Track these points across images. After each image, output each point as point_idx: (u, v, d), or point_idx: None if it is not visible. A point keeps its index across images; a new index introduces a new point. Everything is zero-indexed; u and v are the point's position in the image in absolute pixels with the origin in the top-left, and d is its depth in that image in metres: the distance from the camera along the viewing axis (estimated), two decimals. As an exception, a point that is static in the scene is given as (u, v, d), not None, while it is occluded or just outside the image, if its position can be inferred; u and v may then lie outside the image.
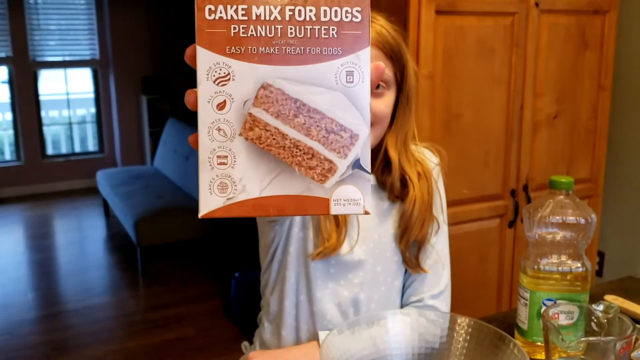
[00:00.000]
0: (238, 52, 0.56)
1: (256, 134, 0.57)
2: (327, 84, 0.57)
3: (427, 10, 1.98)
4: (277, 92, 0.57)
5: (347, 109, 0.57)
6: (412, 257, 1.27)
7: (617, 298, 1.34)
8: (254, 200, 0.57)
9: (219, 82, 0.56)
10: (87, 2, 6.17)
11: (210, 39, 0.56)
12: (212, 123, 0.57)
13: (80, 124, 6.56)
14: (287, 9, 0.56)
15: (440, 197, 1.32)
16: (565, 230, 1.08)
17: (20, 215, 5.54)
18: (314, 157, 0.58)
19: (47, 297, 3.76)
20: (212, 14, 0.56)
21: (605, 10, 2.38)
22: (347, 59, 0.57)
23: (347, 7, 0.57)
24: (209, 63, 0.56)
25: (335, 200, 0.58)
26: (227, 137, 0.57)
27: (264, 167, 0.57)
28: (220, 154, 0.57)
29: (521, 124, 2.27)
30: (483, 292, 2.36)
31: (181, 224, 4.07)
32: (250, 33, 0.56)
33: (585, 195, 2.52)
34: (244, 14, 0.56)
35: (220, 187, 0.57)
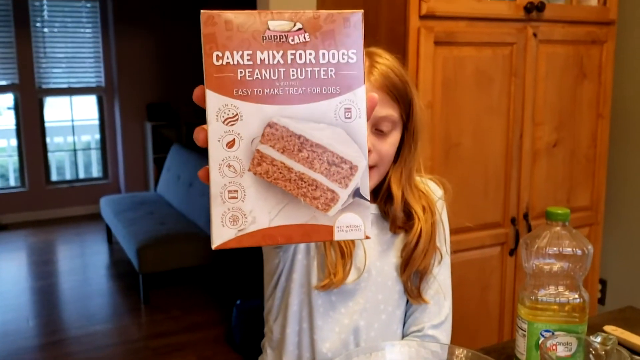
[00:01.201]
0: (245, 94, 0.60)
1: (264, 168, 0.61)
2: (327, 120, 0.61)
3: (426, 41, 2.01)
4: (282, 130, 0.61)
5: (347, 142, 0.62)
6: (414, 288, 1.28)
7: (617, 329, 1.34)
8: (264, 231, 0.61)
9: (228, 122, 0.61)
10: (94, 30, 6.25)
11: (219, 82, 0.61)
12: (223, 160, 0.61)
13: (85, 150, 6.60)
14: (289, 53, 0.61)
15: (444, 229, 1.33)
16: (562, 261, 1.09)
17: (23, 242, 5.55)
18: (318, 188, 0.62)
19: (49, 324, 3.76)
20: (219, 59, 0.60)
21: (603, 41, 2.41)
22: (344, 97, 0.61)
23: (343, 50, 0.61)
24: (218, 105, 0.61)
25: (338, 227, 0.62)
26: (236, 172, 0.61)
27: (272, 199, 0.61)
28: (231, 189, 0.61)
29: (521, 152, 2.28)
30: (485, 321, 2.35)
31: (183, 251, 4.07)
32: (256, 76, 0.60)
33: (586, 223, 2.53)
34: (249, 59, 0.60)
35: (232, 220, 0.61)
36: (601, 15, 2.40)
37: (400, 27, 2.04)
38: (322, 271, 1.23)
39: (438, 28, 2.04)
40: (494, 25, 2.17)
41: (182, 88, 6.40)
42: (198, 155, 4.95)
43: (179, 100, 6.41)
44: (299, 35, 0.61)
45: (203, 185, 4.50)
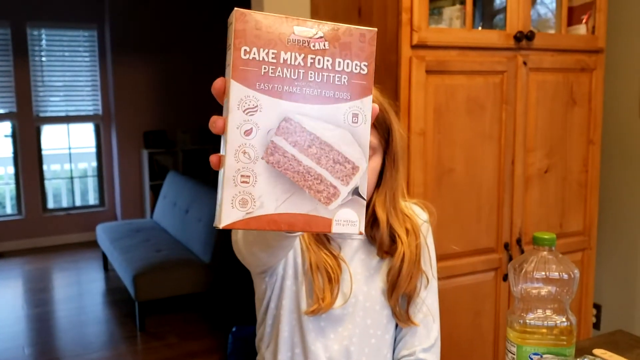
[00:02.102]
0: (266, 88, 0.66)
1: (276, 158, 0.66)
2: (336, 122, 0.67)
3: (418, 69, 2.05)
4: (296, 126, 0.66)
5: (351, 144, 0.68)
6: (402, 311, 1.30)
7: (606, 352, 1.36)
8: (269, 216, 0.66)
9: (248, 112, 0.65)
10: (91, 59, 6.32)
11: (244, 75, 0.65)
12: (239, 147, 0.65)
13: (82, 178, 6.62)
14: (309, 57, 0.67)
15: (429, 253, 1.35)
16: (549, 285, 1.11)
17: (20, 269, 5.54)
18: (322, 182, 0.67)
19: (45, 352, 3.74)
20: (247, 54, 0.65)
21: (592, 68, 2.45)
22: (354, 103, 0.68)
23: (357, 61, 0.68)
24: (241, 95, 0.65)
25: (336, 221, 0.68)
26: (250, 159, 0.66)
27: (280, 188, 0.66)
28: (244, 174, 0.65)
29: (513, 178, 2.31)
30: (479, 346, 2.36)
31: (179, 278, 4.07)
32: (278, 74, 0.66)
33: (579, 248, 2.55)
34: (274, 57, 0.66)
35: (242, 202, 0.65)
36: (590, 43, 2.44)
37: (393, 56, 2.08)
38: (311, 297, 1.24)
39: (429, 57, 2.08)
40: (484, 54, 2.21)
41: (179, 116, 6.45)
42: (194, 183, 4.97)
43: (176, 128, 6.45)
44: (319, 42, 0.67)
45: (199, 212, 4.52)
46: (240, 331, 3.35)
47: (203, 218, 4.39)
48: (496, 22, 2.46)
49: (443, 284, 2.19)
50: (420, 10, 2.04)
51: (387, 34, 2.10)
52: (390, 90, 2.08)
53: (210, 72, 6.43)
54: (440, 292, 1.42)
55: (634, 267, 2.90)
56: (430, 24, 2.14)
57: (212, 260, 4.12)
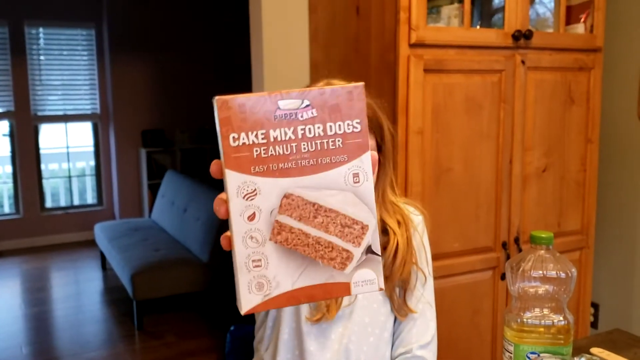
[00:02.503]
0: (261, 170, 0.65)
1: (283, 237, 0.66)
2: (338, 187, 0.67)
3: (416, 69, 2.05)
4: (297, 200, 0.66)
5: (356, 204, 0.67)
6: (400, 301, 1.31)
7: (603, 351, 1.36)
8: (288, 293, 0.66)
9: (247, 198, 0.65)
10: (89, 58, 6.31)
11: (237, 162, 0.65)
12: (245, 233, 0.65)
13: (80, 177, 6.61)
14: (299, 128, 0.66)
15: (426, 251, 1.36)
16: (546, 284, 1.11)
17: (17, 268, 5.54)
18: (334, 249, 0.67)
19: (43, 351, 3.74)
20: (235, 140, 0.64)
21: (590, 67, 2.45)
22: (352, 163, 0.67)
23: (348, 120, 0.67)
24: (238, 182, 0.65)
25: (354, 283, 0.67)
26: (259, 243, 0.66)
27: (293, 264, 0.66)
28: (255, 258, 0.66)
29: (511, 177, 2.31)
30: (477, 345, 2.36)
31: (178, 277, 4.07)
32: (270, 153, 0.65)
33: (577, 247, 2.55)
34: (263, 137, 0.65)
35: (258, 287, 0.66)
36: (588, 42, 2.44)
37: (391, 55, 2.08)
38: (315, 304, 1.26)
39: (427, 56, 2.08)
40: (482, 53, 2.21)
41: (177, 115, 6.44)
42: (192, 182, 4.97)
43: (174, 127, 6.45)
44: (307, 111, 0.66)
45: (197, 211, 4.51)
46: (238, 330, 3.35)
47: (201, 217, 4.39)
48: (494, 21, 2.46)
49: (441, 282, 2.19)
50: (418, 8, 2.04)
51: (385, 32, 2.10)
52: (388, 89, 2.08)
53: (209, 71, 6.44)
54: (438, 291, 1.42)
55: (631, 266, 2.90)
56: (429, 22, 2.13)
57: (210, 259, 4.12)
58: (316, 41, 2.58)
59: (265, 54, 2.55)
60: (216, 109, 0.65)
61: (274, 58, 2.56)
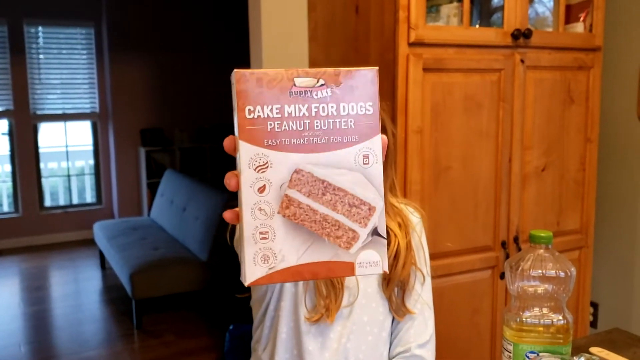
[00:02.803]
0: (274, 144, 0.66)
1: (292, 211, 0.67)
2: (347, 166, 0.68)
3: (415, 67, 2.05)
4: (307, 176, 0.67)
5: (365, 186, 0.68)
6: (399, 301, 1.31)
7: (602, 350, 1.36)
8: (292, 268, 0.67)
9: (259, 170, 0.66)
10: (88, 57, 6.30)
11: (251, 134, 0.66)
12: (255, 204, 0.66)
13: (79, 176, 6.61)
14: (313, 106, 0.67)
15: (424, 251, 1.36)
16: (546, 283, 1.11)
17: (16, 267, 5.53)
18: (340, 228, 0.68)
19: (41, 350, 3.74)
20: (251, 113, 0.66)
21: (589, 66, 2.45)
22: (363, 145, 0.68)
23: (361, 103, 0.68)
24: (250, 154, 0.66)
25: (359, 263, 0.68)
26: (267, 215, 0.66)
27: (299, 239, 0.67)
28: (262, 230, 0.66)
29: (510, 176, 2.31)
30: (476, 344, 2.36)
31: (176, 276, 4.07)
32: (284, 128, 0.67)
33: (576, 246, 2.55)
34: (278, 112, 0.66)
35: (263, 259, 0.66)
36: (587, 41, 2.44)
37: (390, 54, 2.07)
38: (312, 300, 1.25)
39: (427, 55, 2.08)
40: (482, 52, 2.20)
41: (176, 114, 6.44)
42: (191, 181, 4.97)
43: (173, 126, 6.44)
44: (322, 90, 0.67)
45: (196, 210, 4.51)
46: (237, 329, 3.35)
47: (200, 216, 4.39)
48: (494, 20, 2.45)
49: (440, 282, 2.19)
50: (417, 7, 2.04)
51: (385, 31, 2.10)
52: (387, 88, 2.08)
53: (208, 70, 6.43)
54: (438, 290, 1.42)
55: (630, 266, 2.90)
56: (428, 21, 2.13)
57: (209, 258, 4.11)
58: (315, 40, 2.58)
59: (264, 53, 2.55)
60: (234, 81, 0.66)
61: (273, 57, 2.56)
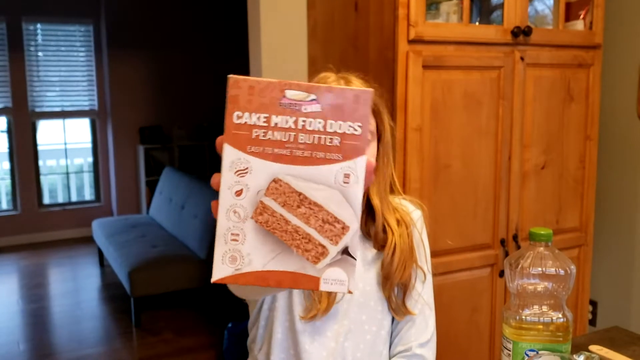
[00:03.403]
0: (257, 151, 0.68)
1: (265, 218, 0.68)
2: (327, 183, 0.68)
3: (415, 65, 2.04)
4: (285, 186, 0.68)
5: (341, 204, 0.69)
6: (399, 302, 1.30)
7: (602, 348, 1.36)
8: (257, 273, 0.68)
9: (238, 174, 0.68)
10: (87, 54, 6.29)
11: (236, 138, 0.68)
12: (230, 206, 0.68)
13: (78, 173, 6.60)
14: (300, 119, 0.68)
15: (425, 248, 1.35)
16: (545, 281, 1.11)
17: (15, 265, 5.53)
18: (311, 242, 0.68)
19: (40, 347, 3.73)
20: (239, 118, 0.68)
21: (589, 64, 2.44)
22: (346, 164, 0.68)
23: (349, 122, 0.69)
24: (233, 157, 0.68)
25: (324, 279, 0.68)
26: (240, 218, 0.68)
27: (268, 246, 0.68)
28: (234, 232, 0.68)
29: (509, 174, 2.30)
30: (475, 342, 2.36)
31: (175, 274, 4.06)
32: (269, 137, 0.68)
33: (576, 244, 2.55)
34: (265, 121, 0.68)
35: (231, 259, 0.68)
36: (587, 39, 2.44)
37: (389, 51, 2.07)
38: (306, 298, 1.24)
39: (426, 52, 2.07)
40: (481, 49, 2.20)
41: (175, 111, 6.43)
42: (190, 179, 4.96)
43: (171, 124, 6.43)
44: (311, 105, 0.68)
45: (195, 208, 4.51)
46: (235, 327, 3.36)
47: (199, 214, 4.38)
48: (493, 18, 2.45)
49: (439, 279, 2.19)
50: (417, 5, 2.03)
51: (384, 29, 2.09)
52: (386, 86, 2.07)
53: (207, 68, 6.42)
54: (437, 288, 1.42)
55: (630, 264, 2.90)
56: (427, 19, 2.12)
57: (207, 256, 4.11)
58: (315, 38, 2.57)
59: (263, 50, 2.54)
60: (228, 86, 0.68)
61: (272, 54, 2.55)
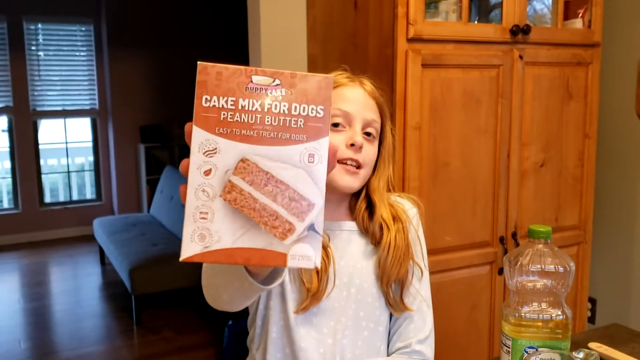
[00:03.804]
0: (225, 132, 0.70)
1: (233, 196, 0.70)
2: (292, 162, 0.71)
3: (414, 63, 2.05)
4: (252, 166, 0.71)
5: (307, 182, 0.71)
6: (397, 298, 1.31)
7: (601, 346, 1.36)
8: (226, 250, 0.70)
9: (207, 154, 0.70)
10: (88, 54, 6.30)
11: (204, 120, 0.71)
12: (199, 185, 0.70)
13: (79, 172, 6.61)
14: (266, 102, 0.71)
15: (421, 245, 1.36)
16: (544, 278, 1.11)
17: (16, 263, 5.54)
18: (278, 219, 0.71)
19: (41, 346, 3.74)
20: (207, 102, 0.71)
21: (588, 62, 2.45)
22: (310, 144, 0.71)
23: (312, 105, 0.72)
24: (201, 139, 0.70)
25: (292, 255, 0.71)
26: (209, 197, 0.70)
27: (236, 224, 0.70)
28: (202, 210, 0.70)
29: (508, 172, 2.31)
30: (475, 339, 2.36)
31: (176, 272, 4.07)
32: (236, 119, 0.71)
33: (575, 242, 2.55)
34: (232, 104, 0.71)
35: (200, 237, 0.69)
36: (586, 37, 2.44)
37: (389, 49, 2.07)
38: (299, 293, 1.25)
39: (425, 51, 2.08)
40: (480, 48, 2.21)
41: (175, 110, 6.43)
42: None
43: (172, 123, 6.43)
44: (276, 89, 0.72)
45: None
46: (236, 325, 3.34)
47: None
48: (492, 17, 2.45)
49: (439, 277, 2.20)
50: (416, 3, 2.04)
51: (383, 27, 2.10)
52: (386, 84, 2.08)
53: (207, 66, 6.41)
54: (436, 286, 1.43)
55: (629, 261, 2.90)
56: (426, 17, 2.13)
57: (208, 254, 4.11)
58: (314, 36, 2.58)
59: (263, 49, 2.55)
60: (197, 72, 0.72)
61: (272, 52, 2.56)
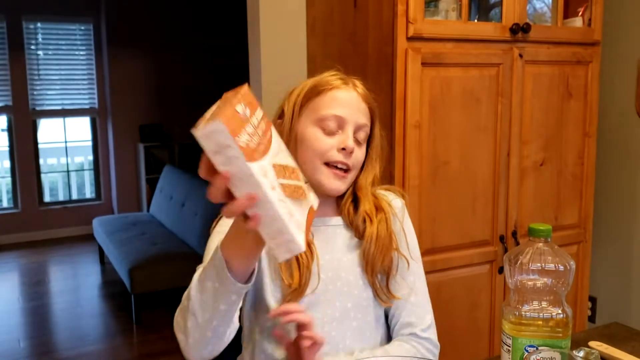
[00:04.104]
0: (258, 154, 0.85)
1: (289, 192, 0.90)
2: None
3: (414, 62, 2.05)
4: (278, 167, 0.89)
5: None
6: (383, 288, 1.33)
7: (601, 344, 1.36)
8: (308, 223, 0.92)
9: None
10: (87, 53, 6.29)
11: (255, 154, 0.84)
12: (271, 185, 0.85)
13: (78, 172, 6.61)
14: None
15: (406, 235, 1.37)
16: (545, 276, 1.11)
17: (16, 263, 5.54)
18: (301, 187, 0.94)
19: (41, 345, 3.74)
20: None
21: (588, 61, 2.45)
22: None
23: None
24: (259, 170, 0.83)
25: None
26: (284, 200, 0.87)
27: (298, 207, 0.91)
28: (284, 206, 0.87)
29: (508, 171, 2.31)
30: (475, 338, 2.36)
31: (175, 271, 4.06)
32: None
33: (575, 241, 2.55)
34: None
35: (298, 226, 0.88)
36: (586, 36, 2.44)
37: (388, 48, 2.07)
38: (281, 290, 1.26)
39: (425, 49, 2.08)
40: (480, 47, 2.20)
41: (175, 109, 6.43)
42: (190, 176, 4.96)
43: (172, 122, 6.43)
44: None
45: (195, 205, 4.51)
46: (236, 324, 3.33)
47: (199, 211, 4.39)
48: (492, 15, 2.45)
49: (439, 276, 2.20)
50: (416, 2, 2.03)
51: (383, 25, 2.09)
52: (385, 83, 2.07)
53: (207, 66, 6.42)
54: (436, 285, 1.43)
55: (628, 260, 2.90)
56: (426, 16, 2.13)
57: (208, 253, 4.11)
58: (314, 34, 2.57)
59: (262, 48, 2.54)
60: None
61: (272, 51, 2.56)
